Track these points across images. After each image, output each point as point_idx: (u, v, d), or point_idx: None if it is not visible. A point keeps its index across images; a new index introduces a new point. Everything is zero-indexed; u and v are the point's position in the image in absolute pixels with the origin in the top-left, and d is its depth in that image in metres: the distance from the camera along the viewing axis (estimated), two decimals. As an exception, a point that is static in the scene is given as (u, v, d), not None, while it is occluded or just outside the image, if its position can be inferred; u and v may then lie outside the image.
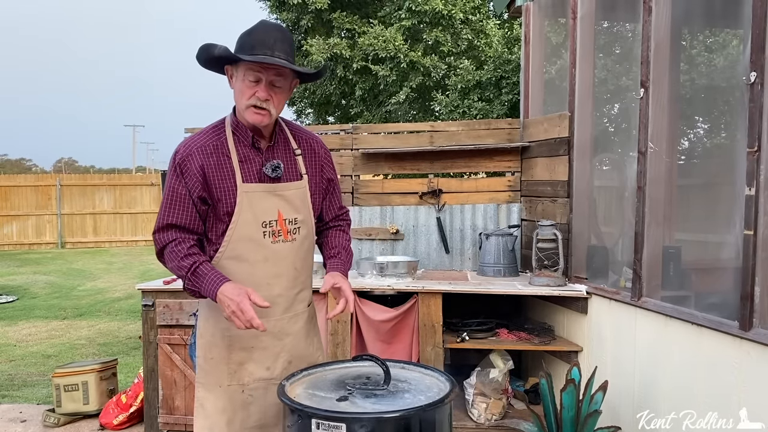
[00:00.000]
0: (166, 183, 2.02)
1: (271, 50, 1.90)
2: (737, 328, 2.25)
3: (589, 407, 2.69)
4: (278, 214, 2.03)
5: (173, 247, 1.98)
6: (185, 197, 1.98)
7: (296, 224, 2.07)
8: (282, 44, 1.93)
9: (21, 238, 16.87)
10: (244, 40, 1.95)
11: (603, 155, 3.85)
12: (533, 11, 4.25)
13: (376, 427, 1.67)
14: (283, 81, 1.98)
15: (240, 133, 2.04)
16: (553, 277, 3.52)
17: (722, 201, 2.86)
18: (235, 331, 2.02)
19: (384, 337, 3.59)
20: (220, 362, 2.07)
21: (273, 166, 2.03)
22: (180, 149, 2.02)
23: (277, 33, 1.95)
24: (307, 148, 2.16)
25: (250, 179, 2.01)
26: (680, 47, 3.51)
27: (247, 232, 2.00)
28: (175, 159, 2.01)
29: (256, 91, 1.94)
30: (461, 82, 8.30)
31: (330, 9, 10.23)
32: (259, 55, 1.89)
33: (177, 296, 3.66)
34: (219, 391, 2.07)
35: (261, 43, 1.91)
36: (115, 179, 18.81)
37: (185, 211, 1.99)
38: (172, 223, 1.99)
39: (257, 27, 1.97)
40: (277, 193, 2.04)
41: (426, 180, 4.43)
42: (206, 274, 1.93)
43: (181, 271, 1.96)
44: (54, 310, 8.55)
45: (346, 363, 2.16)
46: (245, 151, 2.03)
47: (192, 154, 1.99)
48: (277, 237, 2.04)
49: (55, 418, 4.08)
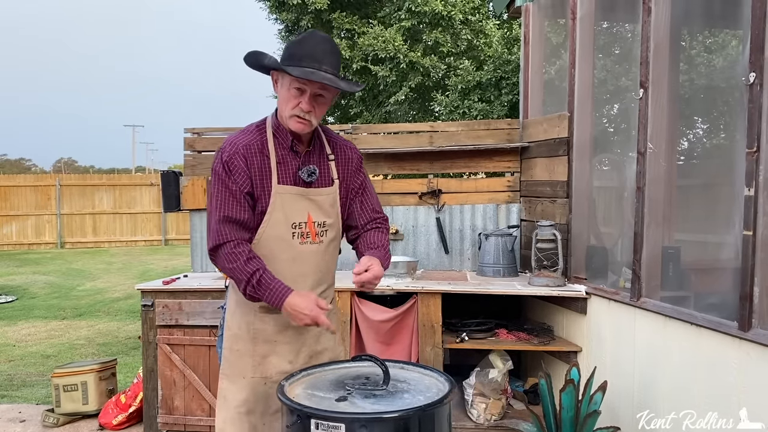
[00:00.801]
0: (216, 181, 2.05)
1: (319, 63, 1.94)
2: (736, 329, 2.25)
3: (589, 407, 2.69)
4: (308, 217, 2.09)
5: (233, 248, 2.00)
6: (237, 192, 2.02)
7: (324, 227, 2.14)
8: (330, 58, 1.97)
9: (20, 238, 16.87)
10: (293, 51, 1.98)
11: (602, 156, 3.85)
12: (533, 12, 4.25)
13: (375, 427, 1.67)
14: (326, 93, 2.03)
15: (280, 135, 2.09)
16: (553, 278, 3.52)
17: (721, 201, 2.86)
18: (260, 325, 2.12)
19: (383, 338, 3.59)
20: (245, 354, 2.14)
21: (309, 172, 2.09)
22: (226, 147, 2.05)
23: (325, 46, 1.99)
24: (340, 154, 2.23)
25: (286, 181, 2.07)
26: (679, 48, 3.51)
27: (278, 231, 2.06)
28: (222, 157, 2.04)
29: (300, 102, 1.99)
30: (461, 82, 8.30)
31: (330, 9, 10.23)
32: (306, 69, 1.93)
33: (176, 296, 3.67)
34: (243, 382, 2.14)
35: (309, 55, 1.95)
36: (115, 179, 18.81)
37: (240, 207, 2.02)
38: (230, 217, 2.01)
39: (307, 38, 2.01)
40: (309, 197, 2.10)
41: (425, 180, 4.43)
42: (269, 284, 1.96)
43: (243, 275, 1.97)
44: (53, 310, 8.55)
45: (346, 363, 2.16)
46: (283, 153, 2.09)
47: (238, 152, 2.03)
48: (305, 238, 2.10)
49: (55, 418, 4.07)
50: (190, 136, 4.52)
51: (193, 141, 4.51)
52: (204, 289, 3.67)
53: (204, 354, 3.66)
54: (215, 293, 3.64)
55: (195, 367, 3.67)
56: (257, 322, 2.12)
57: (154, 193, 17.40)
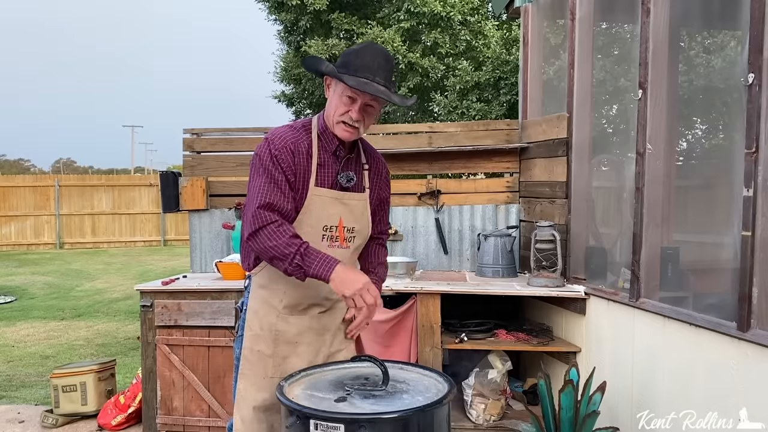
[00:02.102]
0: (261, 169, 2.05)
1: (374, 75, 1.98)
2: (735, 329, 2.25)
3: (588, 408, 2.69)
4: (339, 221, 2.12)
5: (276, 228, 1.99)
6: (283, 183, 2.03)
7: (353, 233, 2.17)
8: (384, 71, 2.01)
9: (19, 239, 16.86)
10: (349, 60, 2.02)
11: (601, 156, 3.85)
12: (532, 12, 4.25)
13: (374, 427, 1.67)
14: (376, 105, 2.07)
15: (325, 138, 2.12)
16: (552, 278, 3.52)
17: (720, 202, 2.86)
18: (282, 326, 2.16)
19: (382, 338, 3.59)
20: (266, 355, 2.16)
21: (348, 177, 2.14)
22: (275, 140, 2.06)
23: (381, 59, 2.02)
24: (373, 165, 2.27)
25: (324, 184, 2.11)
26: (678, 48, 3.51)
27: (308, 231, 2.08)
28: (271, 149, 2.04)
29: (350, 110, 2.03)
30: (460, 83, 8.31)
31: (329, 10, 10.23)
32: (361, 79, 1.97)
33: (175, 297, 3.66)
34: (263, 383, 2.16)
35: (365, 66, 1.98)
36: (114, 180, 18.79)
37: (284, 196, 2.03)
38: (272, 203, 2.01)
39: (364, 49, 2.04)
40: (343, 201, 2.14)
41: (425, 181, 4.43)
42: (317, 254, 1.96)
43: (290, 248, 1.95)
44: (52, 310, 8.54)
45: (345, 364, 2.16)
46: (326, 156, 2.12)
47: (287, 147, 2.05)
48: (334, 242, 2.13)
49: (54, 419, 4.07)
50: (189, 137, 4.52)
51: (192, 141, 4.51)
52: (203, 290, 3.67)
53: (203, 354, 3.66)
54: (214, 294, 3.64)
55: (194, 368, 3.67)
56: (280, 323, 2.15)
57: (153, 193, 17.40)
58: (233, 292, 3.58)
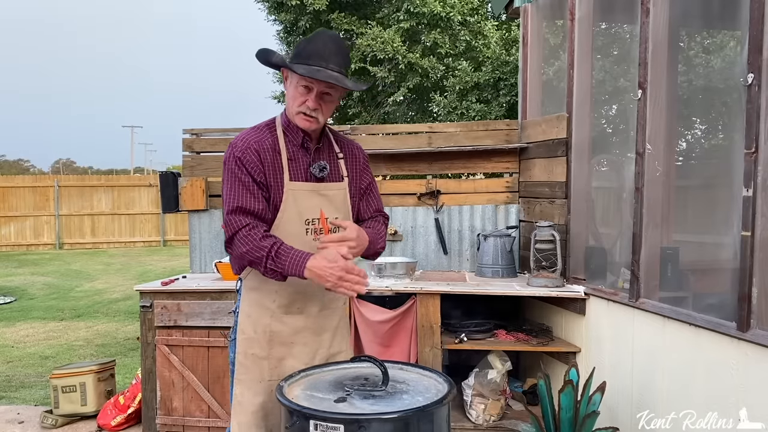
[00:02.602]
0: (228, 175, 2.06)
1: (326, 62, 1.98)
2: (735, 329, 2.25)
3: (587, 408, 2.69)
4: (321, 213, 2.11)
5: (247, 232, 1.99)
6: (250, 184, 2.03)
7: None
8: (337, 57, 2.00)
9: (19, 239, 16.85)
10: (301, 49, 2.02)
11: (601, 156, 3.85)
12: (531, 12, 4.25)
13: (374, 428, 1.67)
14: (333, 92, 2.06)
15: (291, 133, 2.13)
16: (551, 278, 3.52)
17: (720, 202, 2.86)
18: (277, 327, 2.13)
19: (382, 338, 3.59)
20: (261, 358, 2.14)
21: (320, 167, 2.13)
22: (238, 144, 2.07)
23: (333, 45, 2.01)
24: (348, 153, 2.27)
25: (298, 177, 2.11)
26: (678, 49, 3.51)
27: (291, 228, 2.08)
28: (235, 153, 2.05)
29: (306, 100, 2.03)
30: (459, 83, 8.30)
31: (328, 10, 10.22)
32: (313, 67, 1.96)
33: (175, 297, 3.66)
34: (259, 387, 2.13)
35: (317, 54, 1.98)
36: (113, 180, 18.77)
37: (253, 197, 2.03)
38: (242, 207, 2.02)
39: (316, 37, 2.04)
40: (320, 192, 2.13)
41: (424, 181, 4.43)
42: (289, 252, 1.95)
43: (261, 251, 1.96)
44: (52, 311, 8.54)
45: (345, 364, 2.16)
46: (294, 150, 2.12)
47: (251, 147, 2.05)
48: (319, 234, 2.11)
49: (53, 420, 4.07)
50: (188, 137, 4.52)
51: (191, 142, 4.51)
52: (203, 290, 3.67)
53: (203, 355, 3.66)
54: (214, 294, 3.63)
55: (194, 368, 3.67)
56: (274, 324, 2.13)
57: (152, 194, 17.39)
58: (233, 292, 3.57)
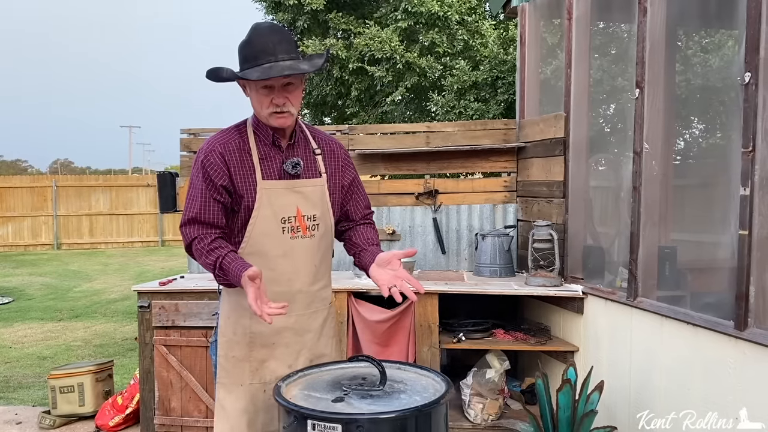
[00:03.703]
0: (190, 180, 2.09)
1: (274, 55, 1.93)
2: (733, 328, 2.25)
3: (586, 407, 2.69)
4: (297, 210, 2.08)
5: (197, 244, 2.03)
6: (205, 193, 2.03)
7: (315, 221, 2.12)
8: (281, 45, 1.96)
9: (17, 240, 16.82)
10: (245, 53, 1.98)
11: (599, 155, 3.86)
12: (529, 12, 4.25)
13: (372, 428, 1.67)
14: (294, 80, 2.01)
15: (261, 132, 2.10)
16: (549, 278, 3.52)
17: (717, 201, 2.86)
18: (257, 328, 2.08)
19: (380, 338, 3.59)
20: (242, 360, 2.10)
21: (293, 164, 2.09)
22: (203, 147, 2.09)
23: (273, 36, 1.97)
24: (326, 149, 2.22)
25: (270, 176, 2.07)
26: (675, 48, 3.52)
27: (267, 227, 2.05)
28: (199, 156, 2.07)
29: (272, 98, 1.99)
30: (457, 82, 8.30)
31: (326, 10, 10.21)
32: (263, 66, 1.92)
33: (173, 297, 3.66)
34: (240, 390, 2.10)
35: (262, 50, 1.94)
36: (111, 180, 18.75)
37: (206, 205, 2.03)
38: (193, 218, 2.04)
39: (253, 35, 1.99)
40: (295, 189, 2.09)
41: (422, 181, 4.43)
42: (229, 267, 1.95)
43: (209, 268, 2.01)
44: (50, 311, 8.53)
45: (342, 364, 2.15)
46: (266, 149, 2.09)
47: (215, 150, 2.05)
48: (296, 233, 2.08)
49: (51, 420, 4.06)
50: (186, 137, 4.51)
51: (189, 142, 4.50)
52: (201, 290, 3.66)
53: (201, 355, 3.65)
54: (212, 294, 3.63)
55: (192, 368, 3.66)
56: (254, 325, 2.08)
57: (150, 194, 17.35)
58: (231, 292, 3.57)
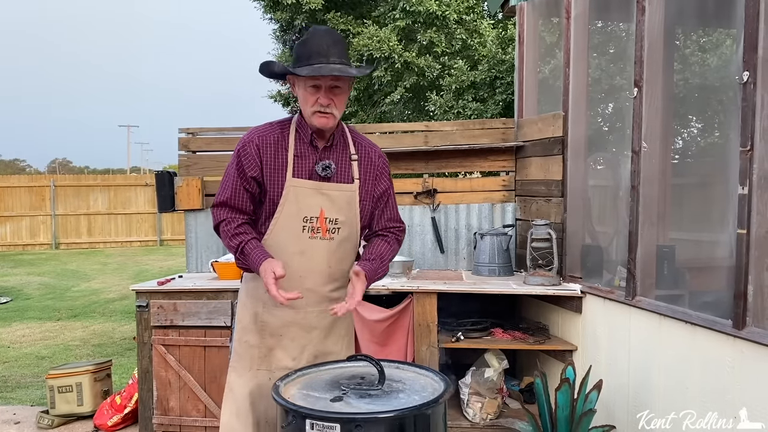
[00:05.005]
0: (228, 165, 2.21)
1: (326, 57, 2.02)
2: (731, 327, 2.26)
3: (584, 406, 2.69)
4: (320, 212, 2.13)
5: (225, 226, 2.15)
6: (237, 179, 2.15)
7: (336, 224, 2.15)
8: (335, 48, 2.05)
9: (15, 239, 16.80)
10: (299, 52, 2.07)
11: (597, 155, 3.86)
12: (527, 11, 4.25)
13: (370, 427, 1.67)
14: (342, 84, 2.09)
15: (302, 130, 2.17)
16: (548, 277, 3.52)
17: (716, 200, 2.87)
18: (267, 318, 2.19)
19: (379, 337, 3.59)
20: (253, 346, 2.20)
21: (324, 166, 2.15)
22: (245, 136, 2.19)
23: (328, 39, 2.06)
24: (363, 155, 2.25)
25: (300, 175, 2.14)
26: (674, 47, 3.52)
27: (288, 223, 2.12)
28: (239, 145, 2.18)
29: (318, 98, 2.07)
30: (455, 82, 8.30)
31: (324, 9, 10.22)
32: (314, 65, 2.01)
33: (171, 297, 3.65)
34: (249, 374, 2.20)
35: (316, 52, 2.03)
36: (110, 180, 18.73)
37: (236, 192, 2.15)
38: (223, 201, 2.17)
39: (310, 36, 2.07)
40: (322, 191, 2.14)
41: (421, 180, 4.42)
42: (250, 253, 2.08)
43: (232, 250, 2.15)
44: (48, 311, 8.52)
45: (341, 363, 2.16)
46: (303, 147, 2.16)
47: (253, 140, 2.15)
48: (315, 233, 2.13)
49: (49, 420, 4.06)
50: (184, 136, 4.51)
51: (187, 141, 4.49)
52: (199, 290, 3.66)
53: (199, 355, 3.65)
54: (210, 294, 3.63)
55: (190, 368, 3.66)
56: (264, 314, 2.19)
57: (149, 193, 17.34)
58: (229, 291, 3.57)
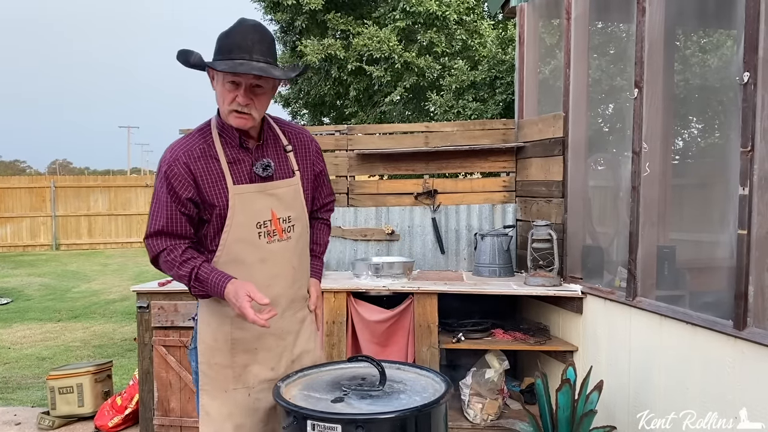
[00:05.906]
0: (154, 191, 1.98)
1: (249, 53, 1.83)
2: (732, 327, 2.26)
3: (585, 407, 2.69)
4: (272, 214, 2.00)
5: (166, 256, 1.95)
6: (170, 204, 1.92)
7: (290, 222, 2.05)
8: (260, 45, 1.86)
9: (15, 240, 16.79)
10: (221, 43, 1.88)
11: (597, 155, 3.86)
12: (527, 12, 4.26)
13: (371, 428, 1.67)
14: (264, 84, 1.91)
15: (227, 134, 1.98)
16: (548, 277, 3.52)
17: (716, 200, 2.87)
18: (239, 334, 2.02)
19: (379, 338, 3.59)
20: (225, 367, 2.04)
21: (263, 165, 1.99)
22: (166, 155, 1.95)
23: (255, 34, 1.87)
24: (297, 144, 2.13)
25: (241, 180, 1.97)
26: (674, 47, 3.52)
27: (242, 234, 1.96)
28: (162, 166, 1.95)
29: (236, 96, 1.88)
30: (455, 82, 8.29)
31: (324, 10, 10.21)
32: (236, 61, 1.82)
33: (172, 298, 3.65)
34: (224, 396, 2.05)
35: (238, 46, 1.84)
36: (110, 181, 18.73)
37: (172, 218, 1.93)
38: (159, 230, 1.94)
39: (235, 29, 1.89)
40: (268, 192, 2.00)
41: (421, 180, 4.43)
42: (208, 278, 1.91)
43: (183, 280, 1.95)
44: (48, 312, 8.52)
45: (342, 364, 2.16)
46: (234, 152, 1.98)
47: (178, 159, 1.92)
48: (273, 237, 2.00)
49: (50, 421, 4.06)
50: (185, 137, 4.50)
51: (188, 142, 4.49)
52: (200, 291, 3.65)
53: (200, 355, 3.64)
54: (211, 294, 3.62)
55: (191, 369, 3.65)
56: (235, 332, 2.02)
57: (149, 194, 17.30)
58: (230, 292, 3.57)
